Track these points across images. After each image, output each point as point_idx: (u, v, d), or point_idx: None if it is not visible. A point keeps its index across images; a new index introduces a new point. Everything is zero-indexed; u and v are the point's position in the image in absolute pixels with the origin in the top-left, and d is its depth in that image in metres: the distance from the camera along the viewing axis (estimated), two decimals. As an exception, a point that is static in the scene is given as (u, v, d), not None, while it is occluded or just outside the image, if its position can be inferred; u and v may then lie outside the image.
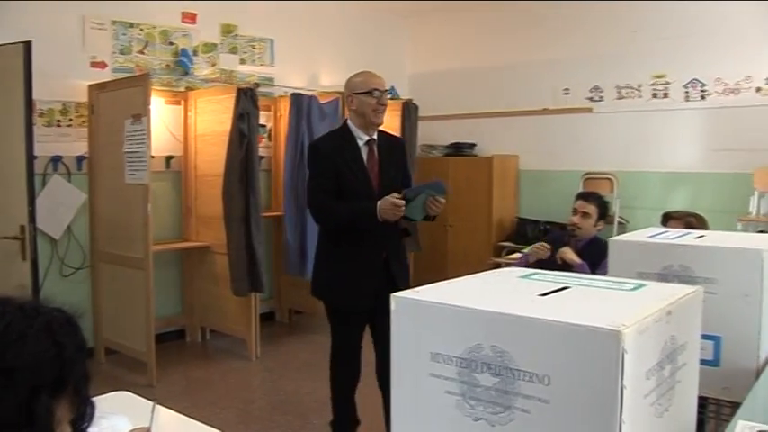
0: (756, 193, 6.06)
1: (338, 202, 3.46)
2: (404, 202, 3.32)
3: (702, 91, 6.51)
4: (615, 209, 6.89)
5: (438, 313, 1.36)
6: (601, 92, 7.15)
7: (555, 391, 1.21)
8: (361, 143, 3.54)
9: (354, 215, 3.45)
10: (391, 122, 7.03)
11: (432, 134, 7.88)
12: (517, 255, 6.22)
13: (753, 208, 6.07)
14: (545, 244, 4.06)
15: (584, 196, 4.21)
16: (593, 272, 3.78)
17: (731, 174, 6.28)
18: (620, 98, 7.03)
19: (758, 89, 6.18)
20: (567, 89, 7.37)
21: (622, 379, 1.15)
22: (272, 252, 6.68)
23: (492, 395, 1.28)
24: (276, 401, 4.86)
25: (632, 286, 1.55)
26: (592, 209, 4.08)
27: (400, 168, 3.71)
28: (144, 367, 5.12)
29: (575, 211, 4.13)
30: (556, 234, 4.28)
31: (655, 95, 6.80)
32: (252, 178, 5.42)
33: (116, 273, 5.39)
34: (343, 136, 3.56)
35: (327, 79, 7.53)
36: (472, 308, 1.32)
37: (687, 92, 6.60)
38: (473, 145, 7.76)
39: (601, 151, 7.14)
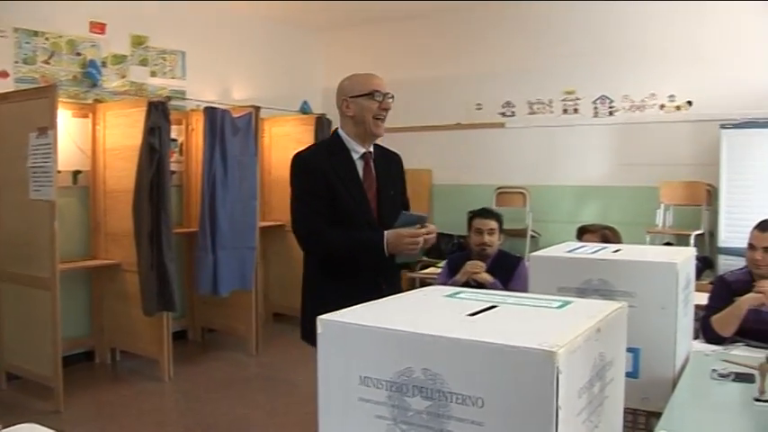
0: (662, 205, 6.28)
1: (334, 228, 2.84)
2: (422, 235, 2.78)
3: (611, 107, 6.71)
4: (528, 222, 7.02)
5: (367, 336, 1.32)
6: (513, 107, 7.29)
7: (489, 413, 1.19)
8: (355, 156, 2.94)
9: (357, 248, 2.84)
10: (304, 137, 6.99)
11: (345, 149, 7.85)
12: (433, 269, 6.26)
13: (659, 220, 6.28)
14: (479, 263, 3.97)
15: (481, 214, 4.16)
16: (507, 287, 3.80)
17: (639, 187, 6.48)
18: (531, 113, 7.18)
19: (662, 106, 6.42)
20: (479, 104, 7.48)
21: (557, 399, 1.14)
22: (184, 269, 6.52)
23: (424, 419, 1.25)
24: (192, 424, 4.71)
25: (559, 304, 1.55)
26: (494, 224, 4.07)
27: (399, 189, 3.15)
28: (50, 392, 4.88)
29: (479, 231, 4.07)
30: (462, 254, 4.25)
31: (565, 111, 6.97)
32: (163, 194, 5.27)
33: (20, 293, 5.13)
34: (334, 148, 2.96)
35: (240, 93, 7.43)
36: (402, 330, 1.29)
37: (596, 108, 6.79)
38: (387, 159, 7.77)
39: (513, 165, 7.26)
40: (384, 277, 2.90)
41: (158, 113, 5.25)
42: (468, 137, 7.53)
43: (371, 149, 3.01)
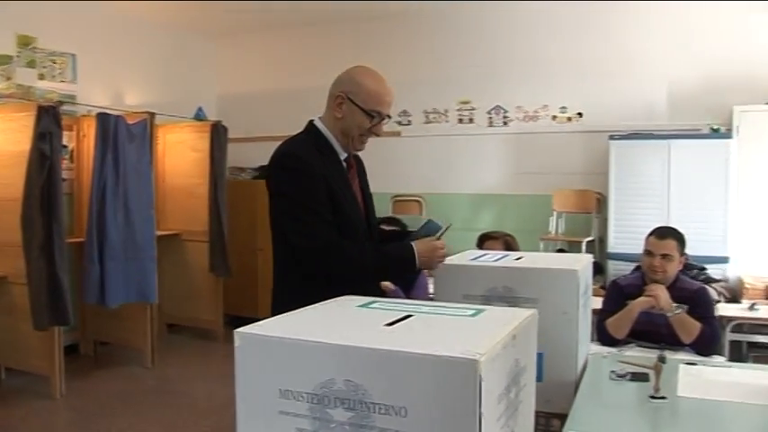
0: (555, 213, 6.49)
1: (351, 242, 2.37)
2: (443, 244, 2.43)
3: (505, 117, 6.89)
4: (426, 229, 7.10)
5: (287, 349, 1.32)
6: (409, 116, 7.37)
7: (412, 422, 1.21)
8: (341, 158, 2.51)
9: (387, 263, 2.39)
10: (199, 144, 6.86)
11: (241, 157, 7.75)
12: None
13: (552, 227, 6.48)
14: None
15: (386, 221, 4.20)
16: (409, 294, 3.83)
17: (533, 195, 6.68)
18: (427, 122, 7.28)
19: (554, 117, 6.63)
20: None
21: (480, 406, 1.16)
22: (76, 281, 6.28)
23: (347, 430, 1.25)
24: (85, 442, 4.54)
25: (472, 312, 1.59)
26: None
27: (370, 195, 2.75)
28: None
29: None
30: None
31: (461, 120, 7.10)
32: (55, 203, 5.05)
33: None
34: (322, 147, 2.46)
35: (133, 98, 7.22)
36: (324, 342, 1.29)
37: (491, 117, 6.95)
38: (284, 168, 7.73)
39: (409, 174, 7.34)
40: (371, 290, 2.31)
41: (49, 118, 5.03)
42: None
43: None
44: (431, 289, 2.31)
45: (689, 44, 5.94)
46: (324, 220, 2.31)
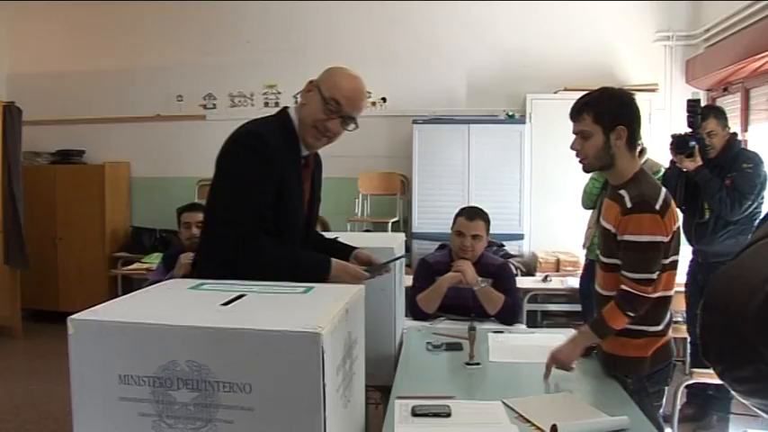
0: (361, 195, 6.64)
1: (272, 239, 2.20)
2: (366, 275, 2.24)
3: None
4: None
5: (125, 333, 1.30)
6: (214, 99, 7.24)
7: (257, 397, 1.24)
8: (302, 154, 2.32)
9: (299, 269, 2.14)
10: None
11: (36, 140, 7.25)
12: (139, 265, 6.10)
13: (358, 209, 6.64)
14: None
15: (189, 208, 4.18)
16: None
17: (339, 178, 6.77)
18: (233, 106, 7.19)
19: (373, 103, 6.77)
20: (180, 96, 7.33)
21: (324, 377, 1.22)
22: None
23: (191, 411, 1.26)
24: None
25: (303, 289, 1.64)
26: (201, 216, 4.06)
27: (319, 198, 2.56)
28: None
29: (188, 225, 4.03)
30: (177, 251, 4.15)
31: (267, 104, 7.07)
32: None
33: None
34: (288, 135, 2.28)
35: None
36: (164, 324, 1.29)
37: (296, 101, 6.98)
38: (82, 152, 7.34)
39: (214, 158, 7.21)
40: None
41: None
42: (168, 129, 7.34)
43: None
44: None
45: (486, 35, 6.29)
46: (254, 210, 2.16)
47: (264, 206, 2.17)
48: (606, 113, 2.14)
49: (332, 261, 2.22)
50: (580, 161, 2.22)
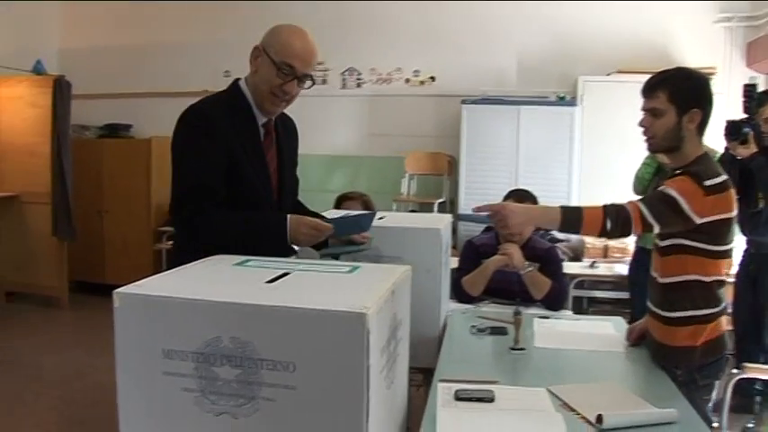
0: (407, 175, 6.62)
1: (227, 209, 2.15)
2: (330, 226, 2.16)
3: (358, 79, 6.92)
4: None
5: (170, 308, 1.30)
6: (264, 77, 7.26)
7: (300, 376, 1.23)
8: (259, 123, 2.27)
9: (255, 230, 2.14)
10: (39, 100, 6.45)
11: (85, 114, 7.35)
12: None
13: (404, 189, 6.62)
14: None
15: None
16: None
17: (386, 157, 6.77)
18: (281, 83, 7.20)
19: (407, 80, 6.74)
20: (227, 71, 7.35)
21: (368, 358, 1.20)
22: None
23: (234, 387, 1.26)
24: None
25: (348, 269, 1.62)
26: None
27: (294, 164, 2.53)
28: None
29: None
30: None
31: (314, 81, 7.06)
32: None
33: None
34: (236, 105, 2.24)
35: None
36: (209, 300, 1.28)
37: (344, 79, 6.97)
38: (129, 126, 7.43)
39: (263, 135, 7.23)
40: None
41: None
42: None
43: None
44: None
45: (538, 15, 6.18)
46: (200, 186, 2.11)
47: (213, 180, 2.12)
48: (683, 93, 2.06)
49: (287, 216, 2.15)
50: (647, 140, 2.13)
